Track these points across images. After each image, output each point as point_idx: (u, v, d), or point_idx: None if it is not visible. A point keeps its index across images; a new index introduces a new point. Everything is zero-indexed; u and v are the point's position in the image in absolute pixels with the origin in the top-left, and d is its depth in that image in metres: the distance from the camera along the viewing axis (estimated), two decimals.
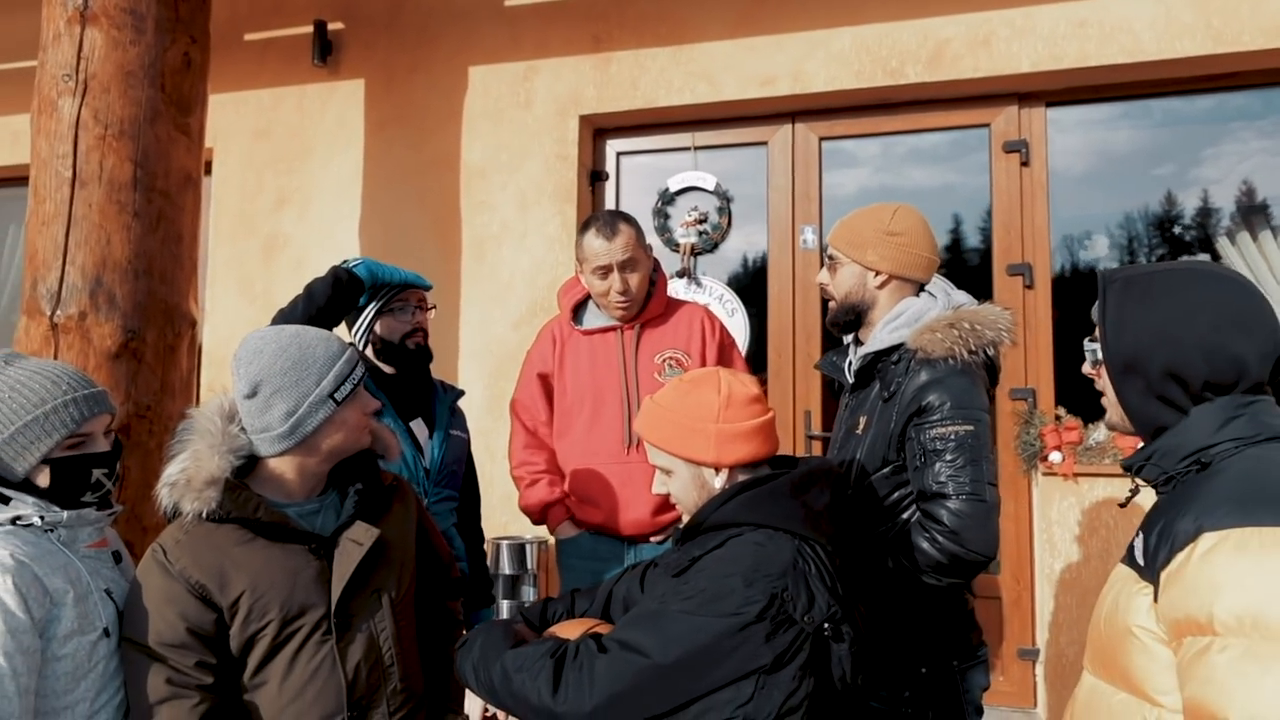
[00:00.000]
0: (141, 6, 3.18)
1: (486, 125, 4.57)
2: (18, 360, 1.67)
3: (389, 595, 1.83)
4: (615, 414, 2.70)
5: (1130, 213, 4.12)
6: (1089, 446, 3.73)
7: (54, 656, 1.57)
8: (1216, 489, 1.22)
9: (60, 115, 3.11)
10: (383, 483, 1.92)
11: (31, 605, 1.52)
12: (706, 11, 4.28)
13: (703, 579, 1.51)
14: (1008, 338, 2.07)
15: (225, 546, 1.68)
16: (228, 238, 4.89)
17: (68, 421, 1.63)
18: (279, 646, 1.69)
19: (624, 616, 1.64)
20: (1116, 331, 1.38)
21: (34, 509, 1.62)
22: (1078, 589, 3.73)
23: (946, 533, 1.90)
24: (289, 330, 1.81)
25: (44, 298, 3.02)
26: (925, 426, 1.97)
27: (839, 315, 2.26)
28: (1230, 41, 3.69)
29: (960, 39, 3.98)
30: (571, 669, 1.49)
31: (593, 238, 2.69)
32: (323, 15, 4.77)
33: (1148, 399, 1.35)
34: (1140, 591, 1.27)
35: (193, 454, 1.69)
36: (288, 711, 1.69)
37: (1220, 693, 1.10)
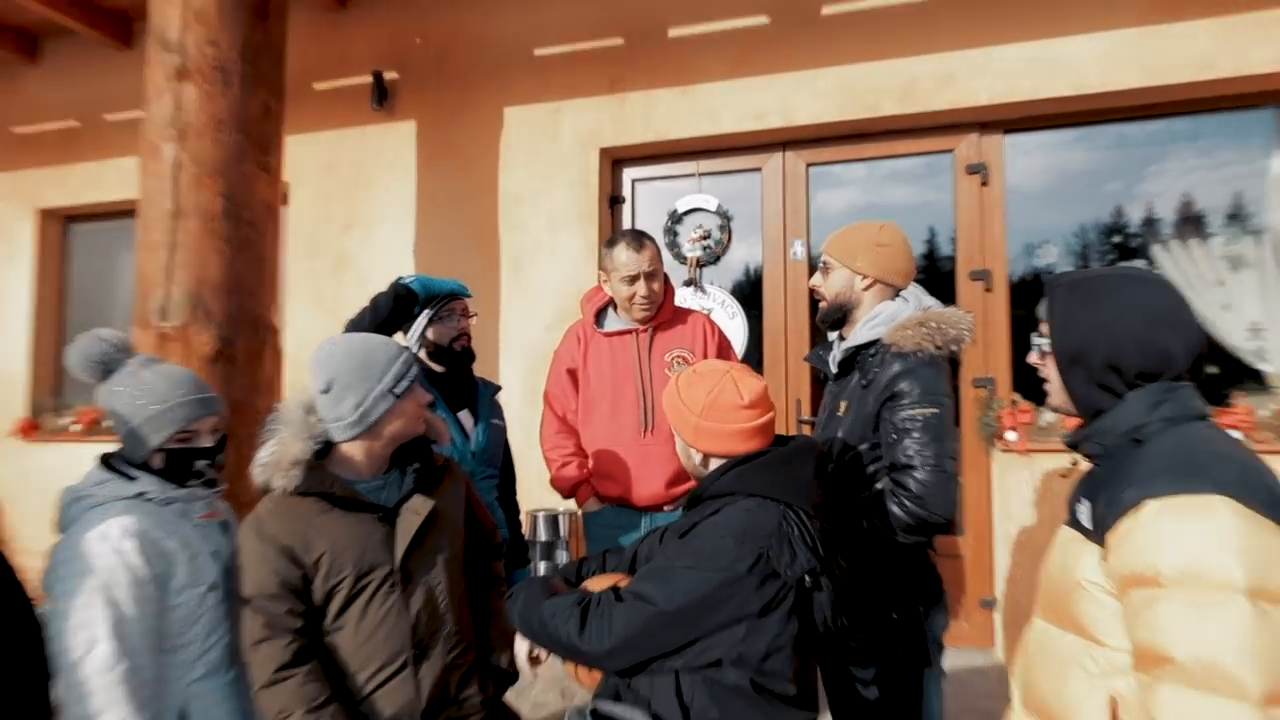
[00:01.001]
0: (228, 64, 3.27)
1: (520, 158, 4.62)
2: (152, 365, 1.77)
3: (443, 555, 1.89)
4: (633, 403, 2.75)
5: (1077, 225, 4.13)
6: (1040, 427, 3.78)
7: (170, 605, 1.67)
8: (1152, 461, 1.27)
9: (162, 158, 3.20)
10: (435, 463, 1.97)
11: (151, 563, 1.62)
12: (707, 57, 4.32)
13: (702, 540, 1.56)
14: (968, 336, 2.12)
15: (308, 516, 1.76)
16: (303, 258, 4.97)
17: (178, 420, 1.72)
18: (354, 597, 1.76)
19: (639, 571, 1.69)
20: (1064, 328, 1.42)
21: (154, 486, 1.71)
22: (1030, 548, 3.77)
23: (913, 498, 1.96)
24: (357, 337, 1.90)
25: (152, 312, 3.11)
26: (897, 409, 2.02)
27: (828, 313, 2.29)
28: (1161, 75, 3.70)
29: (927, 76, 4.00)
30: (594, 615, 1.56)
31: (623, 250, 2.74)
32: (380, 66, 4.85)
33: (1089, 386, 1.40)
34: (1088, 551, 1.32)
35: (280, 440, 1.77)
36: (362, 650, 1.77)
37: (1168, 637, 1.15)
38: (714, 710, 1.50)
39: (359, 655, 1.77)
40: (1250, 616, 1.13)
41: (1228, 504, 1.18)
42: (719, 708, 1.50)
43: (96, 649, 1.52)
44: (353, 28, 5.01)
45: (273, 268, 3.44)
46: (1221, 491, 1.19)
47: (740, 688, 1.49)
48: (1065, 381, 1.44)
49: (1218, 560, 1.16)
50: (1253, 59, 3.61)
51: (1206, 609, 1.15)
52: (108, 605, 1.54)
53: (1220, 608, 1.14)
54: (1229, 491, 1.19)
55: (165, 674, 1.67)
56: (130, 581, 1.57)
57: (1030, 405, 3.83)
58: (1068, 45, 3.83)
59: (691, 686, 1.51)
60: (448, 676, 1.86)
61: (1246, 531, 1.17)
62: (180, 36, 3.25)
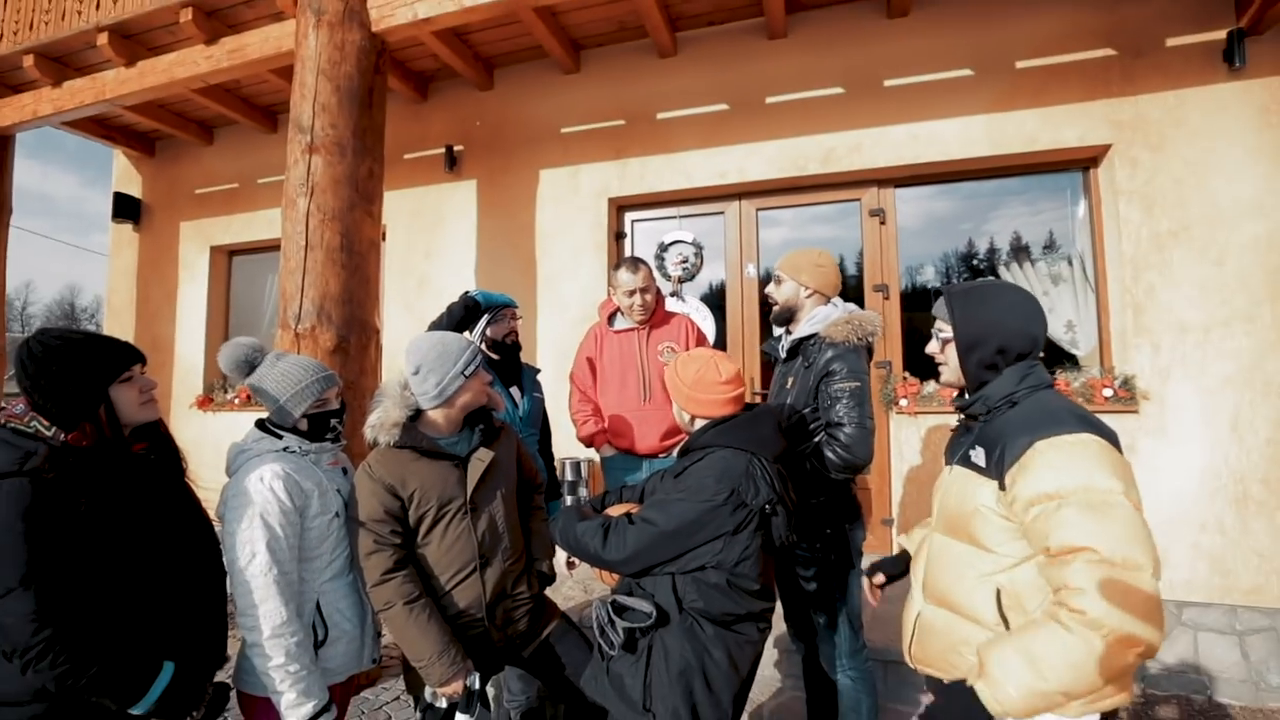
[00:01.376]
0: (344, 141, 3.23)
1: (551, 206, 4.56)
2: (284, 357, 1.73)
3: (500, 491, 1.86)
4: (635, 381, 2.73)
5: (944, 253, 4.10)
6: (924, 395, 3.73)
7: (307, 527, 1.64)
8: (1032, 416, 1.25)
9: (298, 208, 3.16)
10: (495, 425, 1.94)
11: (293, 497, 1.60)
12: (684, 133, 4.26)
13: (690, 479, 1.56)
14: (879, 330, 2.11)
15: (404, 462, 1.73)
16: (396, 278, 4.90)
17: (315, 393, 1.69)
18: (436, 521, 1.74)
19: (646, 502, 1.67)
20: (965, 323, 1.38)
21: (295, 442, 1.68)
22: (917, 482, 3.75)
23: (844, 447, 1.95)
24: (438, 334, 1.85)
25: (291, 318, 3.07)
26: (831, 383, 2.01)
27: (780, 314, 2.26)
28: (1003, 146, 3.69)
29: (841, 146, 3.96)
30: (613, 533, 1.55)
31: (624, 273, 2.71)
32: (450, 141, 4.78)
33: (980, 366, 1.36)
34: (983, 485, 1.28)
35: (384, 408, 1.75)
36: (443, 560, 1.75)
37: (1077, 533, 1.13)
38: (700, 601, 1.50)
39: (440, 564, 1.75)
40: (1130, 513, 1.13)
41: (1093, 438, 1.18)
42: (703, 599, 1.49)
43: (256, 559, 1.52)
44: (430, 114, 4.93)
45: (375, 286, 3.38)
46: (1086, 431, 1.19)
47: (719, 585, 1.49)
48: (963, 363, 1.39)
49: (1099, 476, 1.15)
50: (1064, 137, 3.61)
51: (1102, 511, 1.13)
52: (263, 528, 1.53)
53: (1111, 509, 1.13)
54: (1090, 430, 1.19)
55: (304, 576, 1.65)
56: (279, 510, 1.56)
57: (916, 380, 3.79)
58: (938, 126, 3.81)
59: (683, 584, 1.51)
60: (505, 578, 1.83)
61: (1109, 456, 1.17)
62: (311, 122, 3.22)
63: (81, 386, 1.34)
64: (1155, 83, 3.48)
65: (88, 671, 1.24)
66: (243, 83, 4.80)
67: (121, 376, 1.39)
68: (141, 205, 5.94)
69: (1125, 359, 3.51)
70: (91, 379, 1.35)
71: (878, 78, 3.91)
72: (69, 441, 1.32)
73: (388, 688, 3.06)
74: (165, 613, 1.40)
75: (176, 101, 5.10)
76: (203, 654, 1.47)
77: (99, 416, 1.35)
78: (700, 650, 1.49)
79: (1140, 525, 1.13)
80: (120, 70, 4.24)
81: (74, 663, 1.22)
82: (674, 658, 1.48)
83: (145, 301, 5.83)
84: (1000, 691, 1.14)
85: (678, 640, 1.50)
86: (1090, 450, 1.17)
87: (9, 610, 1.20)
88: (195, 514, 1.56)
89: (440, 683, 1.64)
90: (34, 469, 1.25)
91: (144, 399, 1.44)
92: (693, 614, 1.51)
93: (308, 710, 1.50)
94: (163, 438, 1.54)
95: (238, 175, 5.56)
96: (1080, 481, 1.15)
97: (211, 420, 5.39)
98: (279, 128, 5.36)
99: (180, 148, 5.79)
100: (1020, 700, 1.12)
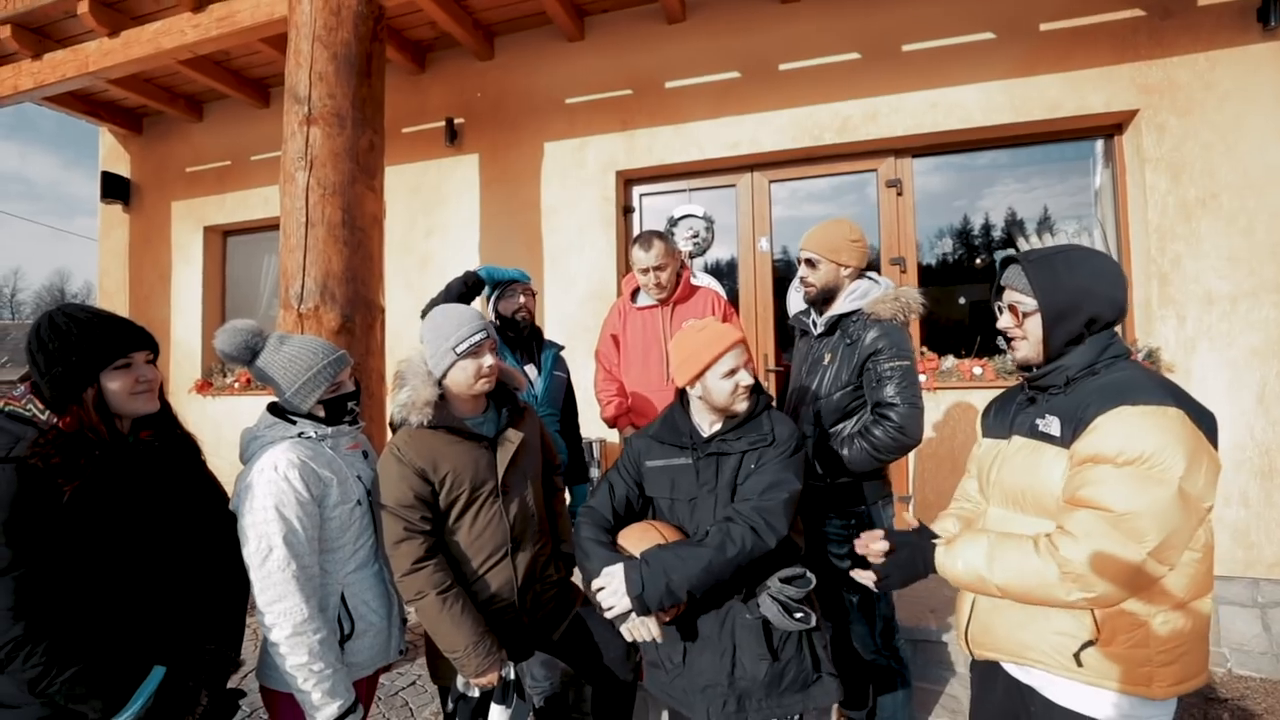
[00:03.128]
0: (343, 112, 3.08)
1: (556, 180, 4.42)
2: (288, 340, 1.60)
3: (530, 474, 1.79)
4: (658, 359, 2.63)
5: (964, 224, 3.98)
6: (943, 371, 3.64)
7: (327, 518, 1.54)
8: (1118, 383, 1.17)
9: (297, 183, 3.02)
10: (519, 405, 1.86)
11: (310, 486, 1.49)
12: (694, 103, 4.11)
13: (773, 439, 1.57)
14: (921, 307, 2.03)
15: (435, 444, 1.65)
16: (397, 256, 4.74)
17: (329, 376, 1.58)
18: (468, 505, 1.66)
19: (749, 486, 1.55)
20: (1050, 294, 1.24)
21: (311, 427, 1.58)
22: (934, 459, 3.68)
23: (896, 427, 1.89)
24: (442, 307, 1.78)
25: (293, 297, 2.96)
26: (879, 361, 1.93)
27: (817, 297, 2.12)
28: (1025, 113, 3.57)
29: (858, 115, 3.82)
30: (756, 521, 1.46)
31: (636, 250, 2.60)
32: (450, 114, 4.62)
33: (1066, 339, 1.25)
34: (1059, 458, 1.20)
35: (412, 387, 1.66)
36: (474, 545, 1.68)
37: (1106, 491, 1.09)
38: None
39: (472, 548, 1.68)
40: (1174, 499, 1.06)
41: (1181, 415, 1.10)
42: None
43: (273, 553, 1.42)
44: (429, 85, 4.74)
45: (379, 263, 3.26)
46: (1179, 406, 1.11)
47: None
48: (1049, 336, 1.26)
49: (1169, 452, 1.07)
50: (1090, 102, 3.48)
51: (1145, 483, 1.07)
52: (279, 521, 1.42)
53: (1156, 485, 1.07)
54: (1183, 407, 1.11)
55: (327, 568, 1.55)
56: (295, 501, 1.45)
57: (935, 355, 3.69)
58: (958, 93, 3.67)
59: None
60: (535, 562, 1.76)
61: (1191, 439, 1.09)
62: (308, 92, 3.08)
63: (71, 368, 1.25)
64: (1185, 44, 3.36)
65: (64, 673, 1.14)
66: (233, 54, 4.61)
67: (116, 363, 1.29)
68: (131, 185, 5.76)
69: (1149, 331, 3.44)
70: (82, 362, 1.25)
71: (895, 43, 3.76)
72: (60, 427, 1.22)
73: (403, 673, 3.01)
74: (160, 611, 1.30)
75: (164, 75, 4.91)
76: (205, 658, 1.37)
77: (84, 400, 1.25)
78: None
79: (1176, 513, 1.06)
80: (103, 41, 4.05)
81: (49, 663, 1.13)
82: None
83: (138, 284, 5.68)
84: (948, 559, 1.27)
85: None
86: (1171, 424, 1.09)
87: None
88: (210, 506, 1.46)
89: (476, 674, 1.58)
90: (19, 456, 1.17)
91: (138, 389, 1.32)
92: None
93: (333, 711, 1.43)
94: (172, 425, 1.44)
95: (230, 152, 5.38)
96: (1146, 449, 1.08)
97: (211, 405, 5.28)
98: (271, 102, 5.18)
99: (169, 124, 5.60)
100: (961, 573, 1.25)
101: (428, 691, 2.83)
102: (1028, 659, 1.24)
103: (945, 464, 3.66)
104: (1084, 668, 1.16)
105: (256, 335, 1.58)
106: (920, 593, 3.02)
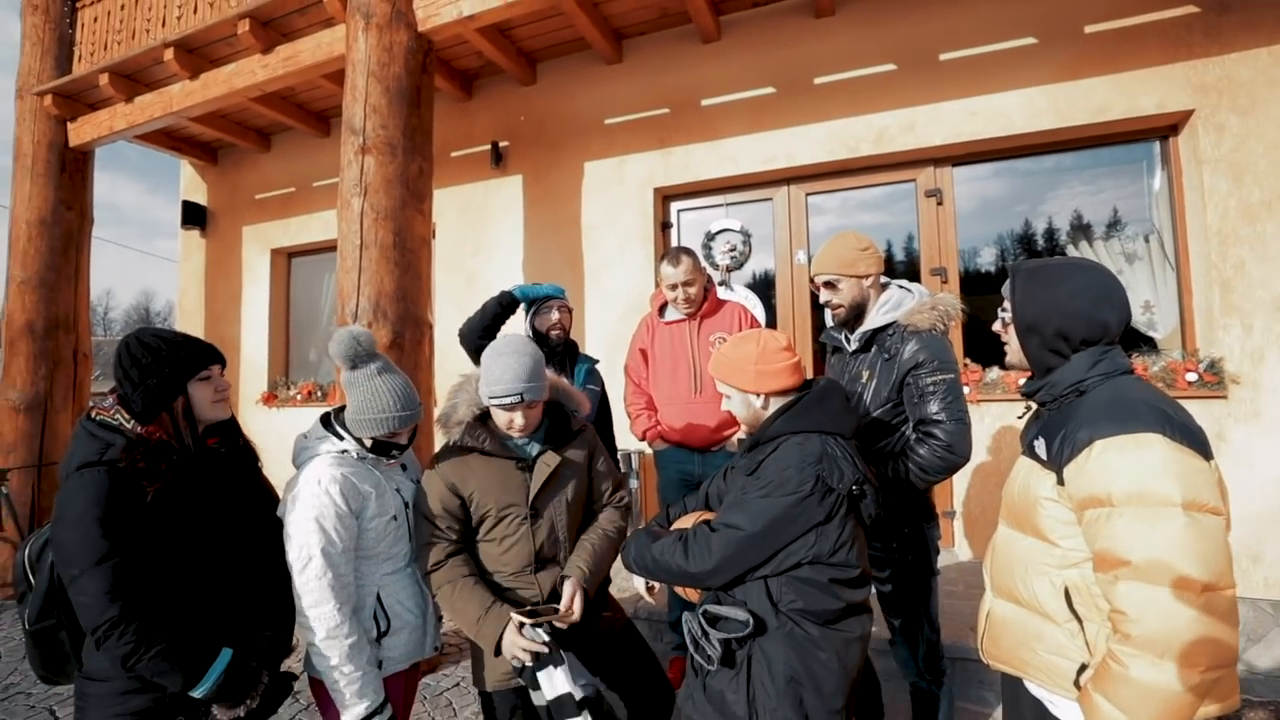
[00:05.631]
0: (395, 141, 3.28)
1: (596, 197, 4.55)
2: (385, 374, 1.67)
3: (567, 496, 1.80)
4: (686, 373, 2.66)
5: (1007, 232, 3.89)
6: (987, 383, 3.56)
7: (364, 528, 1.64)
8: (1096, 408, 1.16)
9: (352, 209, 3.22)
10: (570, 426, 1.86)
11: (349, 500, 1.60)
12: (729, 119, 4.17)
13: (769, 474, 1.42)
14: (960, 315, 1.93)
15: (466, 462, 1.74)
16: (446, 274, 4.98)
17: (388, 427, 1.66)
18: (497, 523, 1.73)
19: (722, 506, 1.52)
20: (1023, 305, 1.30)
21: (354, 448, 1.68)
22: (980, 473, 3.59)
23: (943, 445, 1.79)
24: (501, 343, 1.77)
25: (349, 314, 3.14)
26: (921, 375, 1.84)
27: (847, 315, 2.02)
28: (1071, 118, 3.48)
29: (894, 126, 3.81)
30: (694, 545, 1.44)
31: (665, 266, 2.64)
32: (496, 137, 4.82)
33: (1041, 350, 1.28)
34: (1044, 477, 1.21)
35: (453, 404, 1.77)
36: (500, 559, 1.74)
37: (1124, 544, 1.06)
38: (799, 601, 1.37)
39: (497, 562, 1.75)
40: (1186, 524, 1.04)
41: (1159, 439, 1.08)
42: (802, 598, 1.37)
43: (311, 563, 1.52)
44: (476, 112, 4.97)
45: (427, 282, 3.43)
46: (1153, 430, 1.08)
47: (817, 580, 1.37)
48: (1023, 346, 1.32)
49: (1157, 483, 1.05)
50: (1141, 105, 3.37)
51: (1152, 521, 1.05)
52: (319, 533, 1.53)
53: (1163, 520, 1.04)
54: (1158, 429, 1.08)
55: (364, 572, 1.66)
56: (334, 515, 1.56)
57: (979, 367, 3.62)
58: (998, 99, 3.61)
59: (778, 586, 1.38)
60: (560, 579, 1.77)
61: (1176, 459, 1.06)
62: (363, 124, 3.29)
63: (163, 380, 1.42)
64: (1245, 40, 3.22)
65: (151, 650, 1.30)
66: (297, 89, 4.96)
67: (199, 375, 1.47)
68: (207, 212, 6.23)
69: (1211, 340, 3.27)
70: (173, 374, 1.43)
71: (932, 52, 3.73)
72: (144, 434, 1.39)
73: (448, 674, 3.13)
74: (226, 600, 1.47)
75: (236, 111, 5.31)
76: (263, 642, 1.52)
77: (174, 409, 1.42)
78: (805, 654, 1.35)
79: (1197, 537, 1.03)
80: (185, 83, 4.44)
81: (138, 641, 1.29)
82: (778, 666, 1.35)
83: (212, 303, 6.12)
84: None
85: (779, 647, 1.36)
86: (1154, 453, 1.07)
87: (83, 589, 1.28)
88: (265, 506, 1.62)
89: (495, 636, 1.61)
90: (111, 460, 1.34)
91: (217, 398, 1.51)
92: (792, 616, 1.37)
93: (361, 711, 1.54)
94: (235, 433, 1.60)
95: (294, 179, 5.76)
96: (1135, 487, 1.06)
97: (276, 416, 5.62)
98: (331, 131, 5.52)
99: (240, 155, 6.04)
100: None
101: (470, 693, 2.94)
102: (1031, 676, 1.24)
103: (991, 479, 3.56)
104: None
105: (364, 351, 1.66)
106: (964, 610, 2.95)
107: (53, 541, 1.35)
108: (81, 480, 1.32)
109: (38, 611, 1.43)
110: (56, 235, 4.81)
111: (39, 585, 1.44)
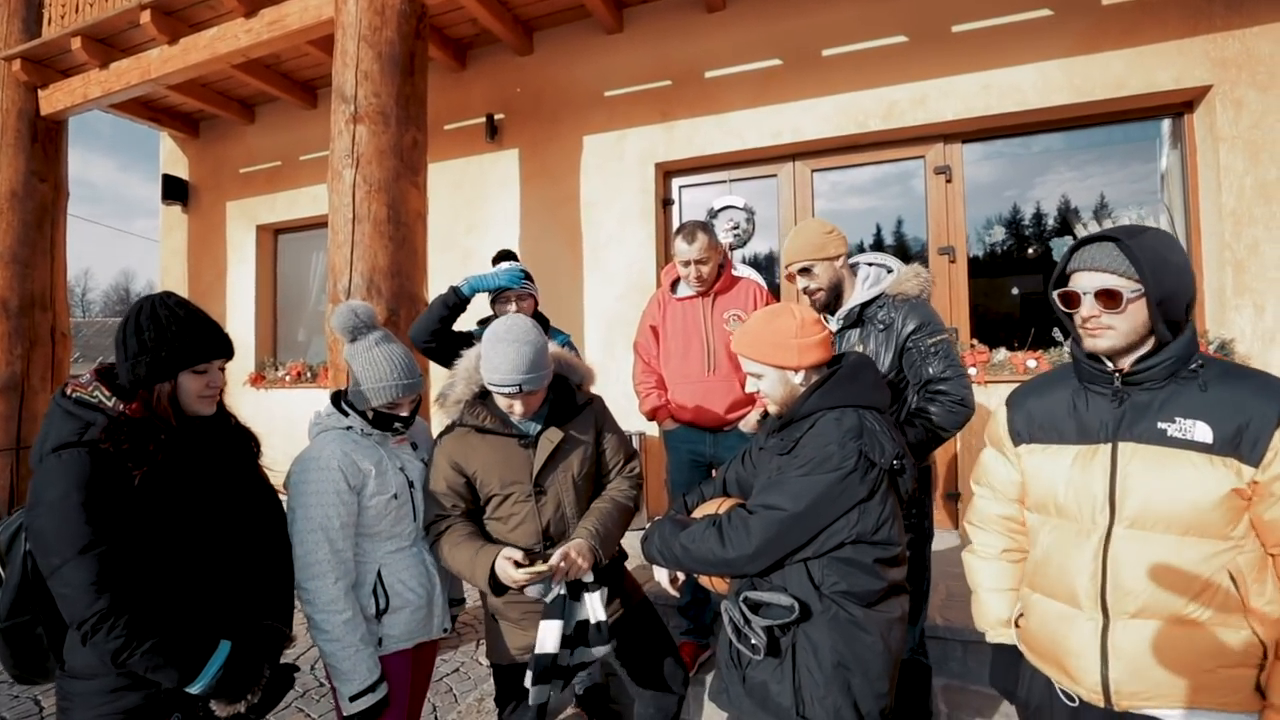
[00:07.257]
0: (387, 110, 3.16)
1: (595, 173, 4.43)
2: (384, 344, 1.67)
3: (573, 472, 1.75)
4: (698, 351, 2.58)
5: (1016, 212, 3.82)
6: (993, 364, 3.52)
7: (364, 506, 1.63)
8: (1244, 380, 1.09)
9: (344, 180, 3.11)
10: (576, 400, 1.81)
11: (349, 478, 1.59)
12: (734, 92, 4.06)
13: (808, 451, 1.36)
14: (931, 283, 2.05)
15: (468, 440, 1.72)
16: (439, 253, 4.78)
17: (388, 396, 1.65)
18: (503, 501, 1.71)
19: (756, 488, 1.47)
20: (1158, 275, 1.10)
21: (359, 424, 1.68)
22: None
23: (955, 399, 1.85)
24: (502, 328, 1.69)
25: (340, 291, 3.04)
26: (922, 338, 1.90)
27: (827, 298, 2.04)
28: (1086, 93, 3.40)
29: (904, 100, 3.71)
30: (729, 530, 1.38)
31: (680, 242, 2.55)
32: (491, 110, 4.68)
33: (1166, 324, 1.12)
34: (1217, 466, 1.06)
35: (453, 384, 1.74)
36: (509, 538, 1.71)
37: None
38: (842, 583, 1.32)
39: (507, 539, 1.72)
40: None
41: None
42: (845, 580, 1.32)
43: (310, 537, 1.54)
44: (470, 82, 4.81)
45: (423, 258, 3.33)
46: None
47: (858, 559, 1.32)
48: (1154, 320, 1.11)
49: None
50: (1157, 80, 3.30)
51: None
52: (320, 508, 1.54)
53: None
54: None
55: (365, 549, 1.66)
56: (334, 492, 1.56)
57: (985, 348, 3.57)
58: (1013, 73, 3.52)
59: (820, 568, 1.34)
60: None
61: None
62: (354, 91, 3.17)
63: (158, 361, 1.31)
64: (1266, 13, 3.14)
65: (144, 645, 1.21)
66: (283, 56, 4.76)
67: (196, 366, 1.35)
68: (189, 187, 6.03)
69: (1222, 321, 3.24)
70: (170, 358, 1.32)
71: (945, 24, 3.63)
72: (127, 412, 1.29)
73: (447, 659, 3.07)
74: (223, 589, 1.38)
75: (218, 79, 5.11)
76: (263, 633, 1.44)
77: (158, 392, 1.32)
78: (851, 638, 1.31)
79: None
80: (164, 49, 4.24)
81: (130, 635, 1.20)
82: (824, 652, 1.31)
83: (196, 282, 5.95)
84: None
85: (824, 632, 1.32)
86: None
87: (66, 581, 1.18)
88: (263, 495, 1.53)
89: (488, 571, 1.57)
90: (92, 440, 1.23)
91: (206, 393, 1.38)
92: (835, 599, 1.32)
93: (353, 687, 1.52)
94: (227, 419, 1.50)
95: (280, 153, 5.58)
96: None
97: (264, 397, 5.49)
98: (319, 103, 5.33)
99: (224, 127, 5.83)
100: None
101: (471, 678, 2.89)
102: (1202, 704, 1.08)
103: None
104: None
105: (363, 322, 1.66)
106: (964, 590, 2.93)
107: (29, 530, 1.24)
108: (60, 462, 1.21)
109: (9, 607, 1.31)
110: (29, 209, 4.61)
111: (10, 578, 1.32)
